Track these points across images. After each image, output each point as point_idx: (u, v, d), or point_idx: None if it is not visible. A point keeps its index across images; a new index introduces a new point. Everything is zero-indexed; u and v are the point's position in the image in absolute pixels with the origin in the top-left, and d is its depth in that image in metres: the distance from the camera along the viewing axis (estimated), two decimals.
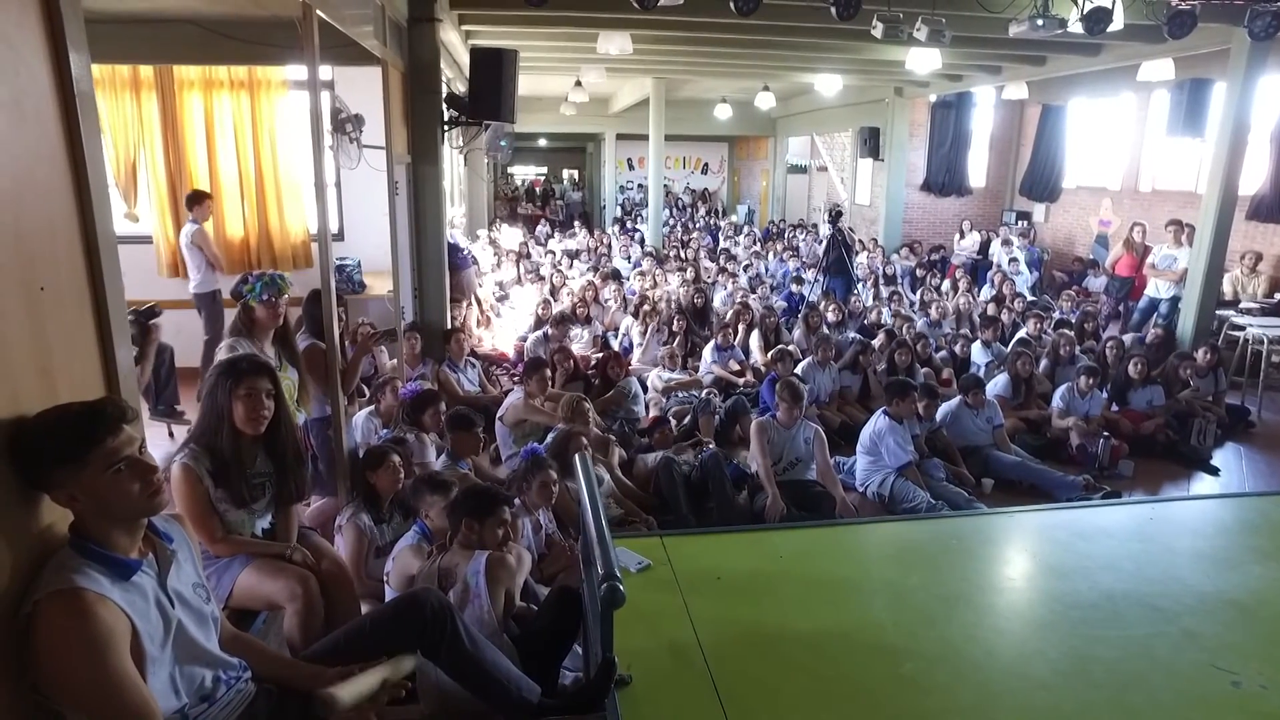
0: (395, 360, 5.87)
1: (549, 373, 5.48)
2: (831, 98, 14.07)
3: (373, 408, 4.87)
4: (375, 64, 5.25)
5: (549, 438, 4.46)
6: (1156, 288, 8.51)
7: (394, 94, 5.56)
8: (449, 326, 6.66)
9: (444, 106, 6.48)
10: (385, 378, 5.18)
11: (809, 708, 2.13)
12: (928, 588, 2.79)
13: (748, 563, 2.90)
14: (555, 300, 8.97)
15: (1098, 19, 5.92)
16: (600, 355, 6.64)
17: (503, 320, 9.09)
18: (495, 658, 2.16)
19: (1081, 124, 12.55)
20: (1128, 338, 7.85)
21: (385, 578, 3.12)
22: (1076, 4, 5.96)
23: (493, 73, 6.26)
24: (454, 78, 9.15)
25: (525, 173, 29.34)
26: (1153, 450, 5.94)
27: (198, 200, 6.47)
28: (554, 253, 12.76)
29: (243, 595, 2.51)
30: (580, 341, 7.47)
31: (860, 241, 13.04)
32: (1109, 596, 2.72)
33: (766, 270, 12.10)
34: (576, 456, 2.54)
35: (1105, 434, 5.65)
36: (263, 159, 7.04)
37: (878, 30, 6.41)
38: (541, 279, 10.33)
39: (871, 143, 13.28)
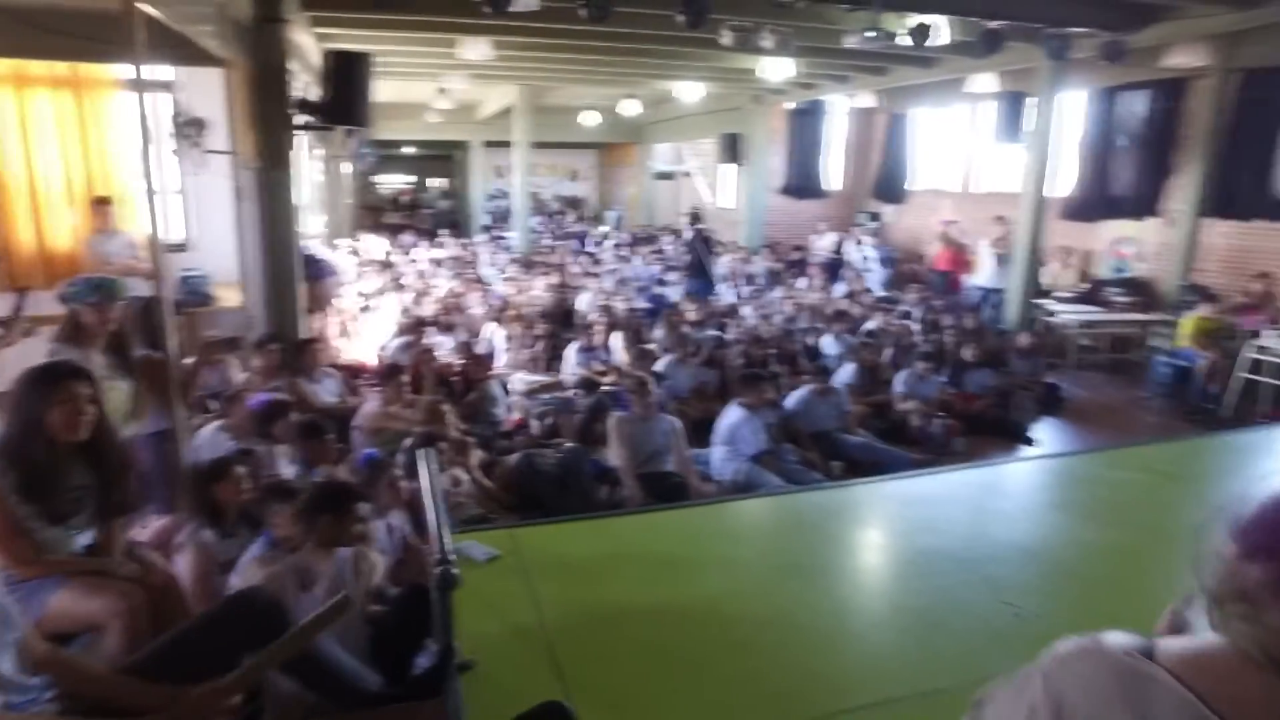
0: (248, 373, 5.64)
1: (407, 379, 5.42)
2: (694, 105, 14.49)
3: (220, 422, 4.67)
4: (219, 64, 5.05)
5: (407, 442, 4.42)
6: (987, 276, 9.20)
7: (239, 97, 5.36)
8: (302, 337, 6.44)
9: (294, 111, 6.28)
10: (234, 390, 4.97)
11: (642, 675, 2.25)
12: (761, 559, 2.99)
13: (593, 548, 3.01)
14: (419, 306, 8.82)
15: (922, 33, 6.48)
16: (463, 362, 6.60)
17: (365, 331, 8.85)
18: (331, 650, 2.15)
19: (925, 131, 13.52)
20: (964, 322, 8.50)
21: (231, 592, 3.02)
22: (903, 20, 6.47)
23: (346, 77, 6.12)
24: (311, 82, 8.86)
25: (392, 181, 28.56)
26: (982, 427, 6.48)
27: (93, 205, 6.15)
28: (416, 261, 12.54)
29: (57, 617, 2.34)
30: (444, 349, 7.39)
31: (720, 243, 13.48)
32: (924, 553, 3.00)
33: (633, 273, 12.33)
34: (418, 453, 2.56)
35: (940, 414, 6.12)
36: (92, 164, 6.58)
37: (727, 39, 6.74)
38: (402, 288, 10.12)
39: (733, 149, 13.78)
